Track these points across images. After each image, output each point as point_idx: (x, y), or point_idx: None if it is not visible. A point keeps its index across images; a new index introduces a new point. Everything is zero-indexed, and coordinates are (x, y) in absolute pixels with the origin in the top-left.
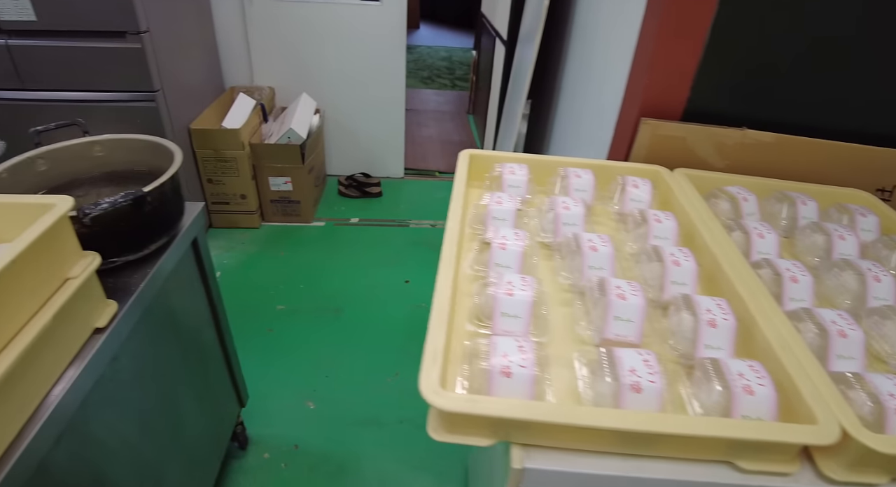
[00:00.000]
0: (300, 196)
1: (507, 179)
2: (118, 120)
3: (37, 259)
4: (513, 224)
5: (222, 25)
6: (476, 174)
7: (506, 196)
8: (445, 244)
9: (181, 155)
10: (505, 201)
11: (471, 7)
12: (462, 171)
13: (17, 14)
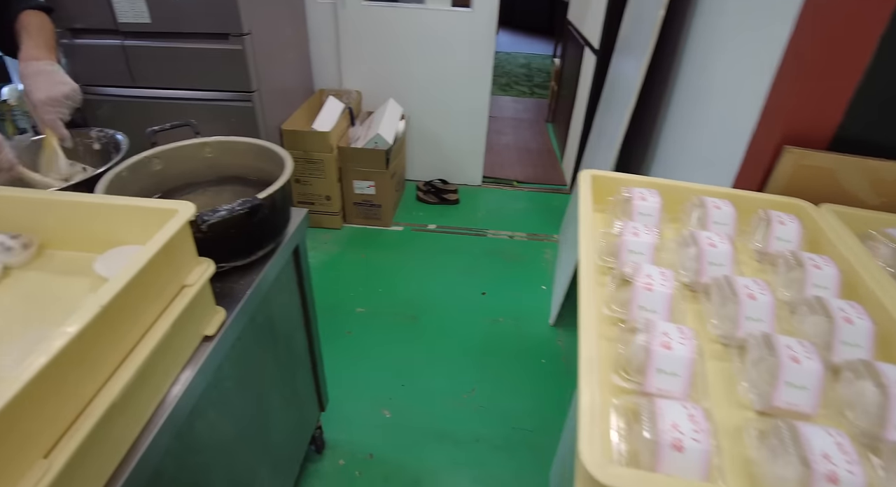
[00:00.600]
0: (382, 200)
1: (637, 206)
2: (217, 118)
3: (161, 264)
4: (650, 258)
5: (315, 28)
6: (597, 196)
7: (641, 226)
8: (584, 282)
9: (291, 162)
10: (641, 232)
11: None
12: (587, 195)
13: (134, 16)
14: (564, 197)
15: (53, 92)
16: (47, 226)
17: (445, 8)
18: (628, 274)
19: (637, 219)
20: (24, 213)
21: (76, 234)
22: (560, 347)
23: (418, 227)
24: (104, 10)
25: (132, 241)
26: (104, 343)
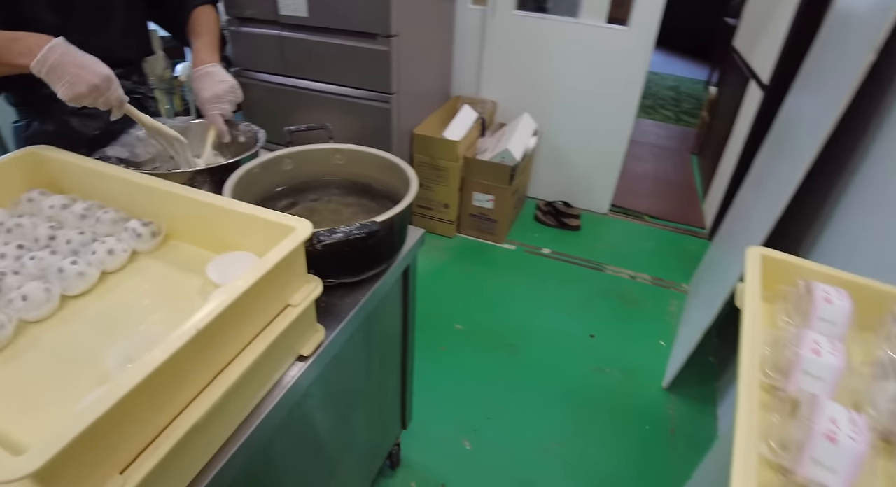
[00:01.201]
0: (499, 216)
1: (819, 309)
2: (353, 115)
3: (269, 282)
4: (832, 387)
5: (461, 34)
6: (766, 281)
7: (824, 340)
8: (742, 402)
9: (417, 183)
10: (824, 349)
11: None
12: (754, 280)
13: (293, 10)
14: (701, 242)
15: (216, 89)
16: (175, 218)
17: (600, 24)
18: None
19: (817, 326)
20: (158, 203)
21: (199, 231)
22: (670, 415)
23: (532, 249)
24: (270, 2)
25: (247, 247)
26: (197, 362)
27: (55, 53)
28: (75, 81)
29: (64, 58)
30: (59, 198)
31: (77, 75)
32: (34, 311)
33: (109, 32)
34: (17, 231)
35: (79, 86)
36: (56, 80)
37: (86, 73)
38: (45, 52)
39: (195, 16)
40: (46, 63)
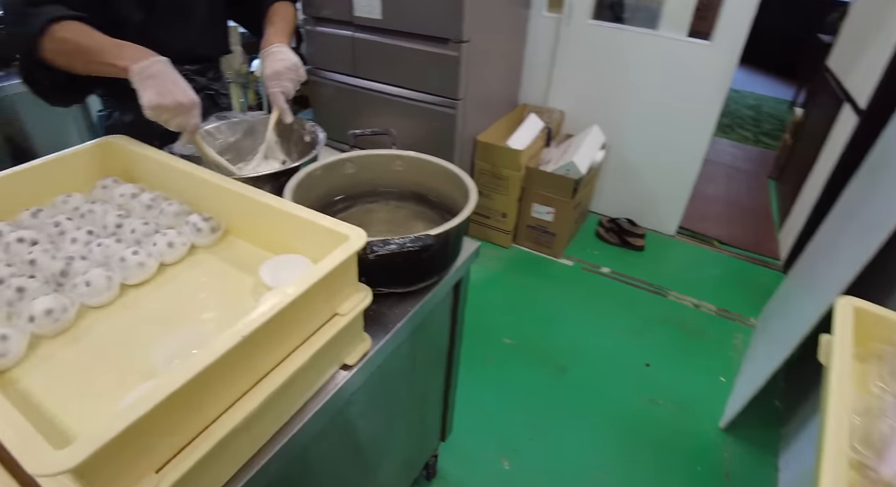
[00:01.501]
0: (558, 229)
1: None
2: (417, 118)
3: (319, 290)
4: None
5: (533, 41)
6: (859, 337)
7: None
8: (824, 477)
9: (476, 196)
10: None
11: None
12: (845, 336)
13: (368, 12)
14: (774, 274)
15: (277, 66)
16: (235, 215)
17: (681, 37)
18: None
19: None
20: (219, 200)
21: (257, 230)
22: (725, 458)
23: (590, 267)
24: (345, 3)
25: (301, 251)
26: (241, 367)
27: (158, 65)
28: (164, 92)
29: (163, 71)
30: (130, 187)
31: (168, 89)
32: (95, 298)
33: (190, 30)
34: (90, 217)
35: (166, 98)
36: (148, 87)
37: (176, 90)
38: (150, 61)
39: (272, 8)
40: (146, 71)
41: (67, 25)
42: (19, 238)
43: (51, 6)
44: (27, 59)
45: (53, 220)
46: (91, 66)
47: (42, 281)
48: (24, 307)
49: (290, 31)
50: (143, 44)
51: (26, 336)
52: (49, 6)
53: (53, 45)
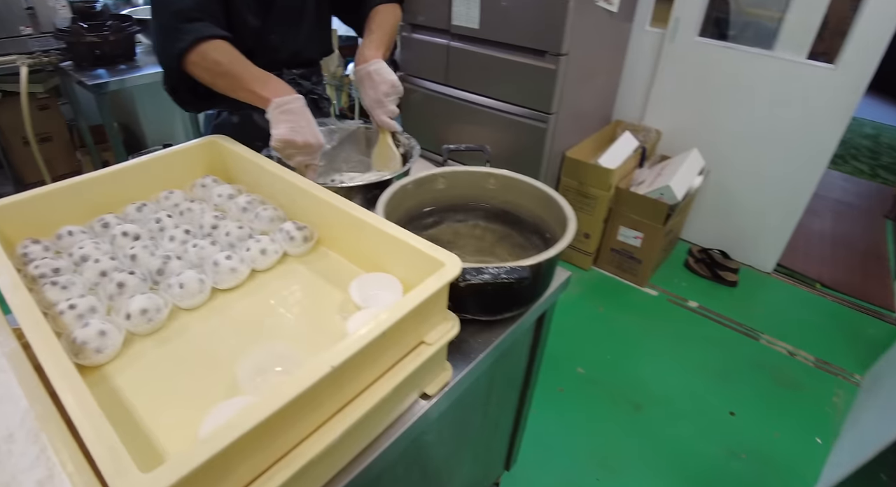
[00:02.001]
0: (645, 256)
1: None
2: (506, 130)
3: (409, 319)
4: None
5: (633, 56)
6: None
7: None
8: None
9: (574, 227)
10: None
11: None
12: None
13: (466, 21)
14: (887, 327)
15: (378, 91)
16: (328, 226)
17: (799, 60)
18: None
19: None
20: (314, 209)
21: (349, 244)
22: None
23: (676, 299)
24: (444, 11)
25: (392, 270)
26: (324, 395)
27: (296, 103)
28: (297, 130)
29: (300, 109)
30: (228, 187)
31: (302, 127)
32: (188, 300)
33: (300, 34)
34: (188, 215)
35: (297, 135)
36: (283, 122)
37: (308, 130)
38: (290, 98)
39: (375, 11)
40: (285, 105)
41: (216, 46)
42: (124, 232)
43: (199, 23)
44: (172, 70)
45: (155, 216)
46: (234, 91)
47: (140, 278)
48: (122, 302)
49: (389, 41)
50: (257, 47)
51: (122, 333)
52: (198, 23)
53: (201, 63)
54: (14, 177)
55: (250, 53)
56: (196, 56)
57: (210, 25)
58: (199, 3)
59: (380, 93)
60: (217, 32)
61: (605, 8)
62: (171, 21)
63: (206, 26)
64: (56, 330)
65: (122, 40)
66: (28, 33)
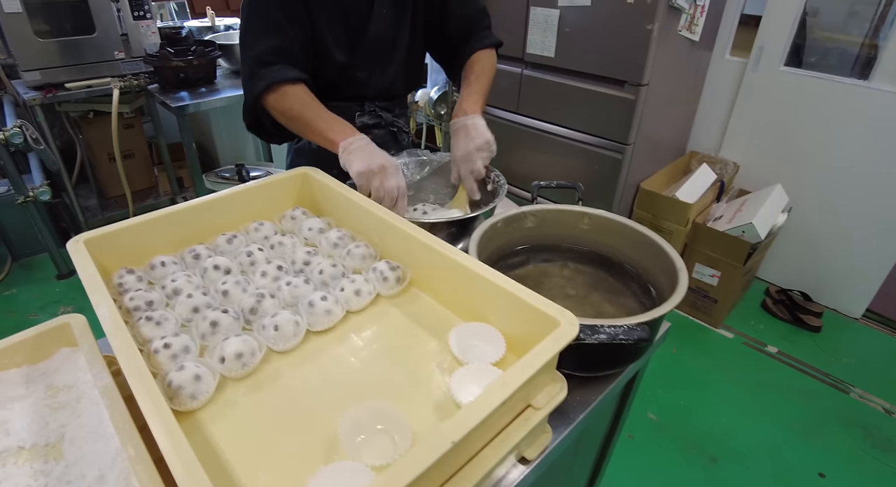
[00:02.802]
0: (721, 295)
1: None
2: (578, 159)
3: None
4: None
5: (711, 85)
6: None
7: None
8: None
9: (686, 277)
10: None
11: None
12: None
13: (541, 49)
14: None
15: (469, 146)
16: (422, 266)
17: None
18: None
19: None
20: (406, 247)
21: (444, 287)
22: None
23: (754, 343)
24: (518, 39)
25: (493, 321)
26: (435, 472)
27: (361, 141)
28: (368, 159)
29: (365, 146)
30: (318, 221)
31: (372, 156)
32: (282, 343)
33: (388, 71)
34: (279, 249)
35: (371, 163)
36: (354, 159)
37: (378, 156)
38: (355, 138)
39: (474, 58)
40: (351, 146)
41: (289, 90)
42: (215, 265)
43: (276, 67)
44: (253, 108)
45: (246, 250)
46: (304, 134)
47: (233, 317)
48: (216, 342)
49: (487, 93)
50: (343, 81)
51: (216, 377)
52: (274, 67)
53: (275, 107)
54: (98, 190)
55: (335, 86)
56: (271, 100)
57: (286, 69)
58: (277, 47)
59: (471, 148)
60: (292, 76)
61: (687, 37)
62: (251, 65)
63: (282, 70)
64: (151, 370)
65: (205, 65)
66: (121, 58)
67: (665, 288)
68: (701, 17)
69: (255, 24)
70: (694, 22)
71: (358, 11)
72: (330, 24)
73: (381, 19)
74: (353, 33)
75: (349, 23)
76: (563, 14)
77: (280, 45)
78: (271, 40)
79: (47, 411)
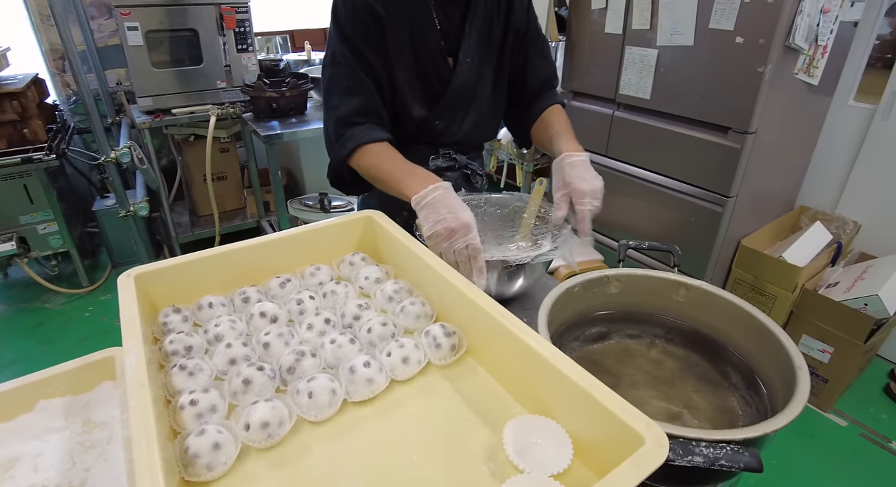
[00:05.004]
0: (833, 374)
1: None
2: (672, 210)
3: None
4: None
5: (829, 134)
6: None
7: None
8: None
9: (807, 377)
10: None
11: None
12: None
13: (636, 91)
14: None
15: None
16: (480, 335)
17: None
18: None
19: None
20: (465, 311)
21: (504, 365)
22: None
23: (873, 435)
24: (611, 80)
25: (557, 415)
26: None
27: (437, 192)
28: (438, 220)
29: (440, 197)
30: (376, 269)
31: (443, 217)
32: (314, 413)
33: (466, 124)
34: (331, 298)
35: (438, 226)
36: (424, 218)
37: (449, 217)
38: (425, 191)
39: (549, 113)
40: (423, 200)
41: (372, 149)
42: (262, 312)
43: (360, 128)
44: (338, 165)
45: (297, 297)
46: (386, 189)
47: (269, 376)
48: (246, 401)
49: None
50: (420, 134)
51: (237, 447)
52: (358, 128)
53: (359, 165)
54: (191, 208)
55: (412, 138)
56: (355, 160)
57: (371, 129)
58: (360, 108)
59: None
60: (375, 137)
61: (805, 80)
62: (336, 126)
63: (367, 131)
64: (174, 427)
65: (297, 96)
66: (222, 87)
67: (776, 386)
68: (822, 58)
69: (336, 84)
70: (813, 64)
71: (441, 63)
72: (409, 79)
73: (465, 69)
74: (435, 85)
75: (431, 75)
76: (662, 54)
77: (363, 105)
78: (355, 100)
79: (79, 449)
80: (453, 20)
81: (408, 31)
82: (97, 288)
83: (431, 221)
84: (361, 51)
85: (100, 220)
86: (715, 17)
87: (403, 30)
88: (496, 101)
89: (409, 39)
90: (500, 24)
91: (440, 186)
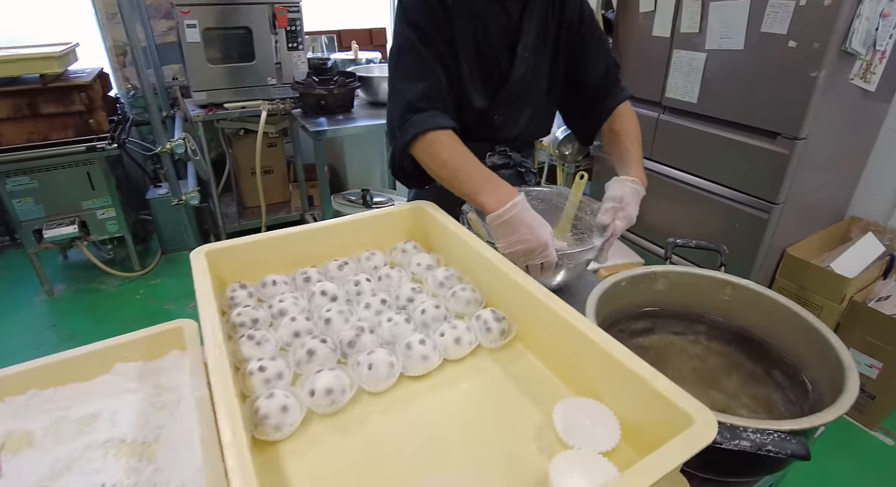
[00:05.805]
0: (881, 391)
1: None
2: (715, 215)
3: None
4: None
5: (886, 142)
6: None
7: None
8: None
9: (856, 378)
10: None
11: None
12: None
13: (682, 94)
14: None
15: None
16: (530, 320)
17: None
18: None
19: None
20: (515, 298)
21: (552, 349)
22: None
23: None
24: (657, 82)
25: (604, 397)
26: None
27: (514, 209)
28: (515, 241)
29: (518, 214)
30: (427, 257)
31: (521, 235)
32: (374, 384)
33: (522, 119)
34: (386, 281)
35: (517, 246)
36: (501, 235)
37: (527, 235)
38: (504, 209)
39: (619, 118)
40: (503, 217)
41: (438, 138)
42: (323, 290)
43: (425, 114)
44: (400, 153)
45: (355, 278)
46: (452, 186)
47: (331, 348)
48: (310, 371)
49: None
50: (478, 129)
51: (304, 411)
52: (424, 114)
53: (424, 154)
54: (238, 199)
55: (467, 130)
56: (419, 148)
57: (436, 115)
58: (427, 92)
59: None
60: (441, 123)
61: (861, 86)
62: (402, 112)
63: (432, 117)
64: (243, 391)
65: (344, 94)
66: (273, 83)
67: (824, 388)
68: (880, 64)
69: (403, 70)
70: (871, 69)
71: (501, 57)
72: (471, 71)
73: (522, 63)
74: (494, 79)
75: (491, 69)
76: (710, 57)
77: (430, 89)
78: (422, 83)
79: (151, 409)
80: (513, 15)
81: (471, 23)
82: (148, 272)
83: (511, 240)
84: (430, 37)
85: (152, 208)
86: (767, 21)
87: (468, 22)
88: (551, 97)
89: (472, 32)
90: (554, 19)
91: (517, 204)
